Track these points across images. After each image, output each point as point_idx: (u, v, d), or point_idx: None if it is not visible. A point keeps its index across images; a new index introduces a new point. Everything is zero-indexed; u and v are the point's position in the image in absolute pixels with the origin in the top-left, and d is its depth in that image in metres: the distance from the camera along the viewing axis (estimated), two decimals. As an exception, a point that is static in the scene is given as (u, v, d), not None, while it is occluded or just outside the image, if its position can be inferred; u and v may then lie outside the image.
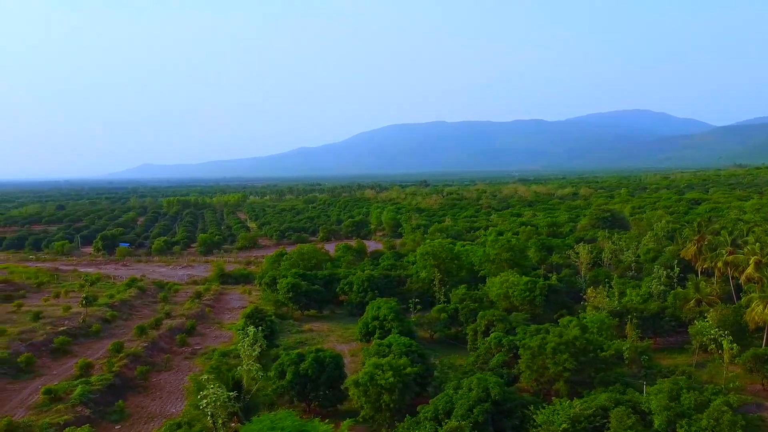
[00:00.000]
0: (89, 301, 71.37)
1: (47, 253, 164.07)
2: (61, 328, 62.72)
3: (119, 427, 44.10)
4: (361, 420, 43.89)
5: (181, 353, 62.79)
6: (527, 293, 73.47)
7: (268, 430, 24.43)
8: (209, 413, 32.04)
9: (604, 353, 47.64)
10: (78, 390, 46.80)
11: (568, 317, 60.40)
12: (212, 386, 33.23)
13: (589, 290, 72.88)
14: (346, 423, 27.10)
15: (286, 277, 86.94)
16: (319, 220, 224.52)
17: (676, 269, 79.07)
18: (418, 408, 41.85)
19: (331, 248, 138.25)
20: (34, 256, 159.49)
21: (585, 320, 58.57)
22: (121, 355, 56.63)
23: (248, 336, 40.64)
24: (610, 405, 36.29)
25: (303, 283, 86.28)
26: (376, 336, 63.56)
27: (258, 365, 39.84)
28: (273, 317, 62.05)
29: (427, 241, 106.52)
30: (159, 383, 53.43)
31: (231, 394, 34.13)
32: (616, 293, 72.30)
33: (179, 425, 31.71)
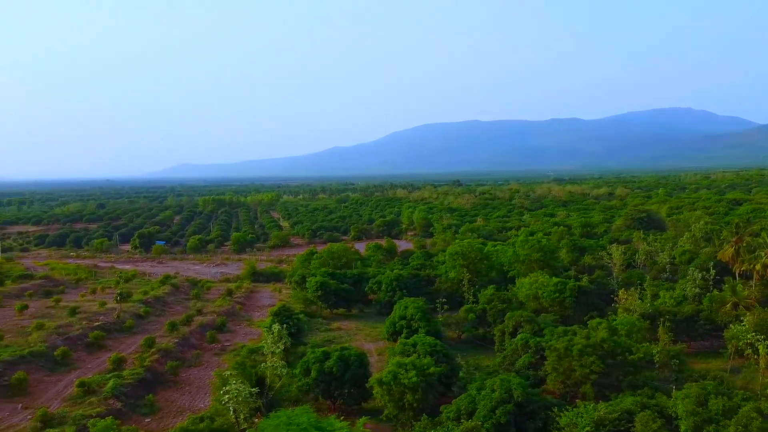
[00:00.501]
0: (123, 297, 73.26)
1: (87, 251, 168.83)
2: (97, 323, 64.58)
3: (149, 420, 45.18)
4: (384, 419, 44.08)
5: (210, 349, 63.97)
6: (557, 294, 72.57)
7: (284, 426, 24.77)
8: (231, 408, 32.64)
9: (632, 356, 46.74)
10: (110, 383, 48.15)
11: (597, 319, 59.50)
12: (234, 382, 33.89)
13: (620, 292, 71.54)
14: (361, 420, 27.26)
15: (315, 276, 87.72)
16: (351, 219, 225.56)
17: (712, 271, 76.96)
18: (441, 408, 41.82)
19: (362, 247, 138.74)
20: (74, 253, 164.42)
21: (615, 322, 57.62)
22: (153, 350, 58.00)
23: (273, 333, 41.13)
24: (636, 409, 35.61)
25: (332, 281, 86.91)
26: (403, 335, 63.71)
27: (282, 362, 40.33)
28: (300, 315, 62.59)
29: (456, 241, 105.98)
30: (188, 378, 54.55)
31: (253, 389, 34.71)
32: (649, 295, 70.80)
33: (202, 419, 32.37)
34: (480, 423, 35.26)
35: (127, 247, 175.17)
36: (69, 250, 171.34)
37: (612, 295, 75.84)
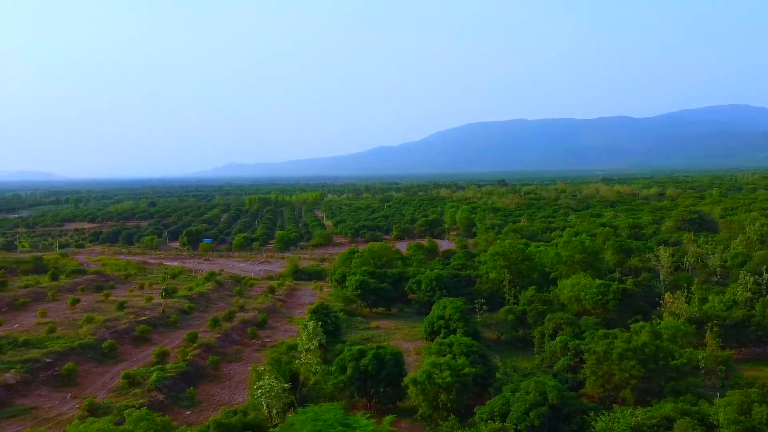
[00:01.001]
0: (168, 293, 75.48)
1: (138, 247, 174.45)
2: (143, 318, 66.74)
3: (189, 412, 46.44)
4: (418, 418, 44.12)
5: (251, 345, 65.23)
6: (599, 297, 71.02)
7: (311, 421, 25.14)
8: (263, 403, 33.28)
9: (675, 361, 45.37)
10: (154, 376, 49.70)
11: (641, 323, 58.06)
12: (267, 377, 34.54)
13: (666, 295, 69.48)
14: (387, 419, 27.37)
15: (355, 275, 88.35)
16: (394, 218, 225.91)
17: (766, 275, 73.90)
18: (475, 409, 41.57)
19: (403, 247, 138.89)
20: (126, 250, 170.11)
21: (659, 326, 56.04)
22: (195, 344, 59.54)
23: (308, 330, 41.71)
24: (676, 415, 34.57)
25: (371, 280, 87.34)
26: (441, 335, 63.54)
27: (316, 359, 40.84)
28: (337, 313, 63.18)
29: (497, 241, 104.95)
30: (229, 373, 55.80)
31: (285, 385, 35.31)
32: (697, 299, 68.52)
33: (235, 413, 33.15)
34: (511, 424, 34.81)
35: (176, 244, 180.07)
36: (121, 247, 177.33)
37: (658, 299, 73.76)
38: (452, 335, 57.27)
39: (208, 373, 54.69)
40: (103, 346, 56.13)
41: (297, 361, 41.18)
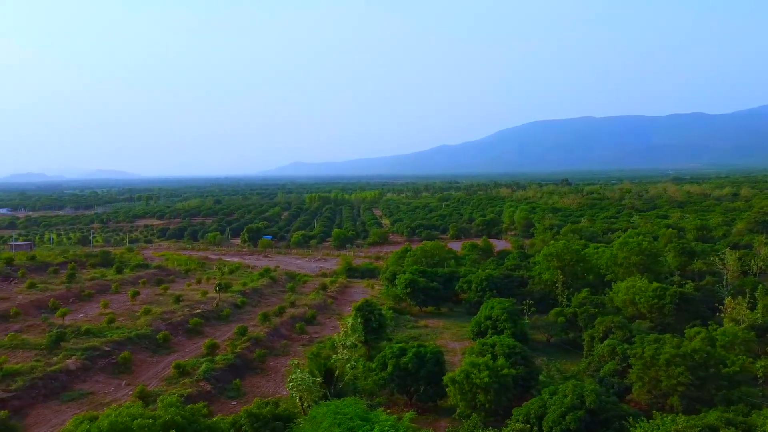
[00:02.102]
0: (222, 287, 78.00)
1: (201, 243, 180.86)
2: (197, 311, 69.32)
3: (234, 403, 47.98)
4: (457, 417, 44.00)
5: (299, 340, 66.62)
6: (655, 300, 68.56)
7: (332, 414, 25.63)
8: (293, 395, 34.06)
9: (727, 369, 43.31)
10: (203, 367, 51.67)
11: (696, 328, 55.77)
12: (300, 371, 35.33)
13: (727, 300, 66.24)
14: (408, 415, 27.46)
15: (405, 273, 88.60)
16: (451, 218, 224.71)
17: (840, 282, 69.23)
18: (513, 411, 41.07)
19: (459, 247, 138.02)
20: (190, 246, 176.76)
21: (715, 332, 53.60)
22: (245, 338, 61.38)
23: (346, 326, 42.30)
24: (720, 425, 33.05)
25: (421, 279, 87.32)
26: (487, 336, 62.99)
27: (355, 355, 41.33)
28: (381, 310, 63.59)
29: (552, 242, 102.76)
30: (275, 366, 57.24)
31: (317, 379, 36.03)
32: (761, 305, 64.95)
33: (267, 404, 34.11)
34: (546, 427, 34.21)
35: (238, 241, 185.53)
36: (186, 243, 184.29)
37: (718, 304, 70.43)
38: (497, 336, 56.70)
39: (255, 366, 56.30)
40: (157, 336, 58.75)
41: (333, 356, 41.87)
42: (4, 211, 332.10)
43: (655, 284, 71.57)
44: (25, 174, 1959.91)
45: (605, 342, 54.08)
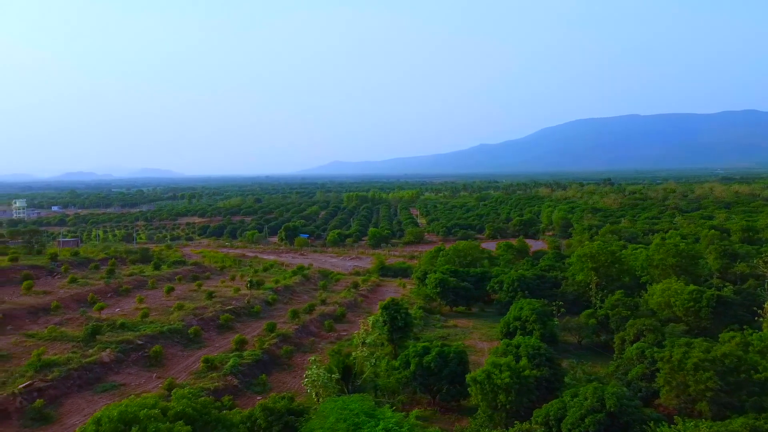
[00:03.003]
0: (254, 284, 79.45)
1: (240, 241, 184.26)
2: (228, 307, 70.81)
3: (260, 398, 48.78)
4: (478, 417, 43.83)
5: (327, 338, 67.30)
6: (691, 304, 66.58)
7: (339, 409, 25.98)
8: (308, 390, 34.57)
9: (758, 375, 41.90)
10: (230, 362, 52.81)
11: (731, 333, 54.04)
12: (316, 367, 35.84)
13: (766, 304, 63.94)
14: (414, 413, 27.55)
15: (435, 273, 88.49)
16: (488, 217, 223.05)
17: None
18: (534, 412, 40.71)
19: (495, 246, 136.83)
20: (229, 243, 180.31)
21: (750, 337, 51.82)
22: (273, 334, 62.39)
23: (367, 324, 42.63)
24: (744, 432, 32.12)
25: (451, 279, 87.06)
26: (516, 336, 62.50)
27: (371, 352, 41.63)
28: (408, 309, 63.66)
29: (586, 243, 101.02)
30: (301, 363, 57.91)
31: (333, 375, 36.49)
32: (802, 310, 62.46)
33: (282, 398, 34.73)
34: (565, 429, 33.81)
35: (275, 239, 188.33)
36: (225, 240, 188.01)
37: (756, 309, 68.01)
38: (524, 337, 56.20)
39: (282, 362, 57.18)
40: (189, 331, 60.29)
41: (353, 353, 42.23)
42: (55, 208, 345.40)
43: (691, 287, 69.60)
44: (77, 173, 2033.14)
45: (634, 345, 52.99)
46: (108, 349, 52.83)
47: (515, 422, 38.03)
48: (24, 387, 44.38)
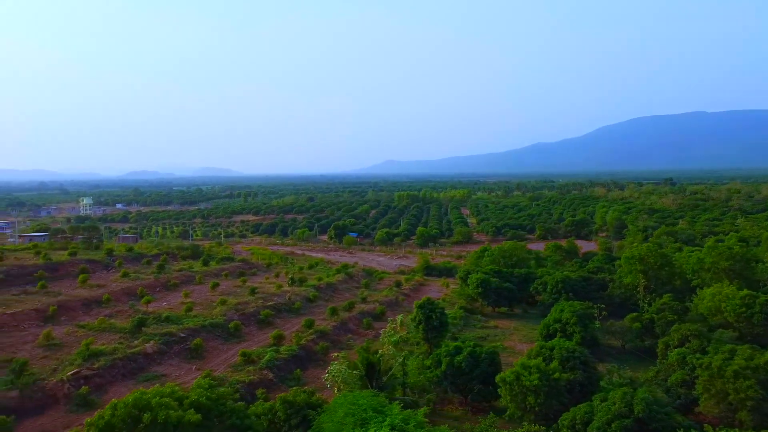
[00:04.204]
0: (295, 281, 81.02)
1: (291, 239, 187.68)
2: (269, 303, 72.49)
3: (292, 392, 50.00)
4: (506, 418, 43.54)
5: (365, 335, 67.92)
6: (743, 309, 63.80)
7: (348, 404, 26.40)
8: (328, 385, 35.19)
9: (803, 385, 39.87)
10: (267, 356, 54.17)
11: (782, 340, 51.63)
12: (335, 363, 36.41)
13: (824, 312, 60.54)
14: (422, 411, 27.63)
15: (477, 273, 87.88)
16: (540, 218, 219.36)
17: None
18: (563, 415, 40.09)
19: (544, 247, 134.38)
20: (280, 241, 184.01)
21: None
22: (311, 330, 63.55)
23: (395, 323, 42.96)
24: (779, 444, 30.69)
25: (494, 279, 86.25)
26: (556, 339, 61.55)
27: (400, 350, 41.89)
28: (444, 309, 63.52)
29: (635, 245, 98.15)
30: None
31: (354, 371, 36.97)
32: None
33: (304, 392, 35.48)
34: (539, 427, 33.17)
35: (325, 237, 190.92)
36: (276, 238, 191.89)
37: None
38: (559, 339, 55.29)
39: (318, 358, 58.17)
40: (229, 326, 62.15)
41: (379, 351, 42.65)
42: (119, 206, 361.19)
43: (744, 291, 66.65)
44: (141, 171, 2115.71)
45: (675, 350, 51.33)
46: (152, 341, 55.12)
47: (526, 426, 37.48)
48: (72, 374, 46.94)
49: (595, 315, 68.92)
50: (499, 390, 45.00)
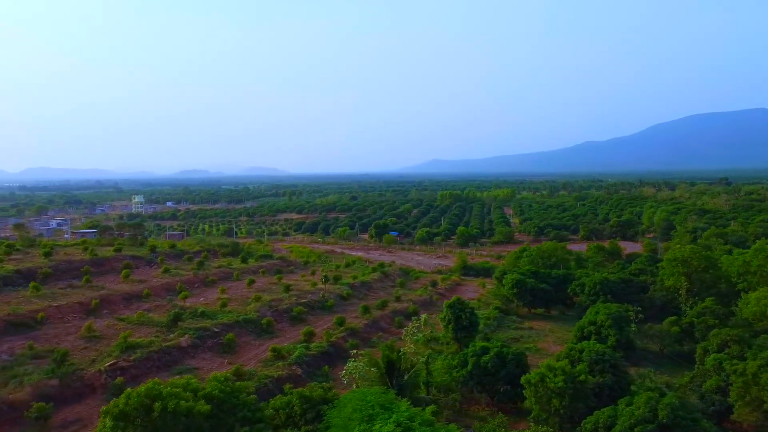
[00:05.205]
0: (328, 279, 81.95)
1: (332, 237, 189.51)
2: (303, 300, 73.54)
3: (321, 388, 50.71)
4: (530, 420, 43.14)
5: (396, 334, 68.05)
6: (790, 314, 61.27)
7: (356, 400, 26.74)
8: (345, 381, 35.59)
9: None
10: (297, 352, 55.12)
11: (830, 347, 49.32)
12: (353, 360, 36.76)
13: None
14: (429, 409, 27.66)
15: (512, 273, 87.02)
16: (585, 218, 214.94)
17: None
18: (586, 418, 39.43)
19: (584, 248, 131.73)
20: (321, 239, 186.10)
21: None
22: (342, 328, 64.24)
23: (420, 321, 43.06)
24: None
25: (530, 280, 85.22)
26: (590, 341, 60.49)
27: (416, 349, 41.93)
28: (474, 309, 63.22)
29: (678, 246, 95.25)
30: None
31: (374, 369, 37.26)
32: None
33: (322, 387, 36.04)
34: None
35: (366, 236, 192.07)
36: (318, 236, 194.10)
37: None
38: (590, 342, 54.32)
39: (347, 355, 58.56)
40: (262, 322, 63.42)
41: (402, 350, 42.84)
42: (169, 204, 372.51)
43: (792, 296, 63.95)
44: (192, 170, 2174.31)
45: (711, 356, 49.72)
46: (186, 335, 56.82)
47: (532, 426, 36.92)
48: (109, 365, 48.90)
49: (631, 318, 67.32)
50: (524, 391, 44.64)
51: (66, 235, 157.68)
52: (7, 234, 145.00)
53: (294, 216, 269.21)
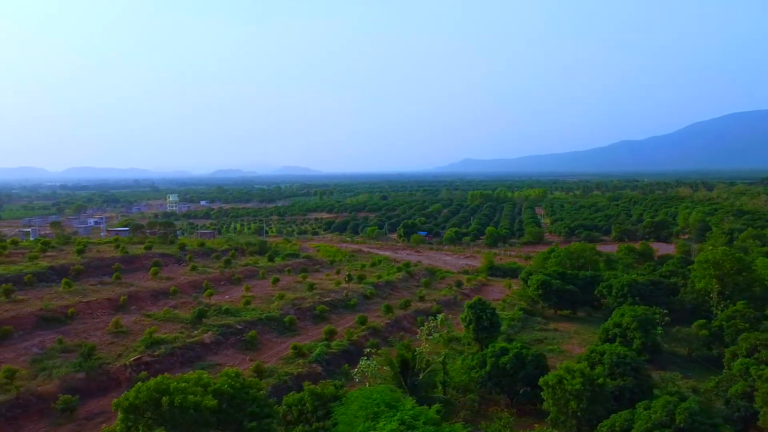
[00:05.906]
0: (351, 278, 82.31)
1: (361, 237, 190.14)
2: (326, 299, 74.13)
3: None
4: (548, 422, 42.73)
5: (417, 333, 68.16)
6: (826, 318, 59.39)
7: (363, 398, 26.91)
8: (356, 379, 35.79)
9: None
10: (317, 350, 55.63)
11: None
12: (365, 359, 36.94)
13: None
14: (435, 407, 27.57)
15: (538, 274, 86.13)
16: (618, 218, 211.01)
17: None
18: (603, 422, 38.88)
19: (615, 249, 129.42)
20: (349, 239, 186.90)
21: None
22: (363, 327, 64.55)
23: (437, 321, 43.05)
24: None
25: (555, 281, 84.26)
26: (614, 343, 59.58)
27: (431, 348, 41.86)
28: (495, 310, 62.79)
29: (709, 248, 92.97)
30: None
31: (384, 367, 37.41)
32: None
33: (333, 384, 36.32)
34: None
35: (394, 235, 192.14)
36: (347, 236, 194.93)
37: None
38: (611, 344, 53.50)
39: (367, 354, 58.97)
40: (284, 319, 64.15)
41: (417, 349, 42.88)
42: (203, 203, 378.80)
43: (828, 300, 61.99)
44: (226, 170, 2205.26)
45: (738, 360, 48.50)
46: (210, 332, 57.88)
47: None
48: (134, 360, 50.16)
49: (658, 321, 66.02)
50: (542, 393, 44.24)
51: (102, 233, 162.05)
52: (46, 232, 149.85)
53: (324, 215, 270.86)
